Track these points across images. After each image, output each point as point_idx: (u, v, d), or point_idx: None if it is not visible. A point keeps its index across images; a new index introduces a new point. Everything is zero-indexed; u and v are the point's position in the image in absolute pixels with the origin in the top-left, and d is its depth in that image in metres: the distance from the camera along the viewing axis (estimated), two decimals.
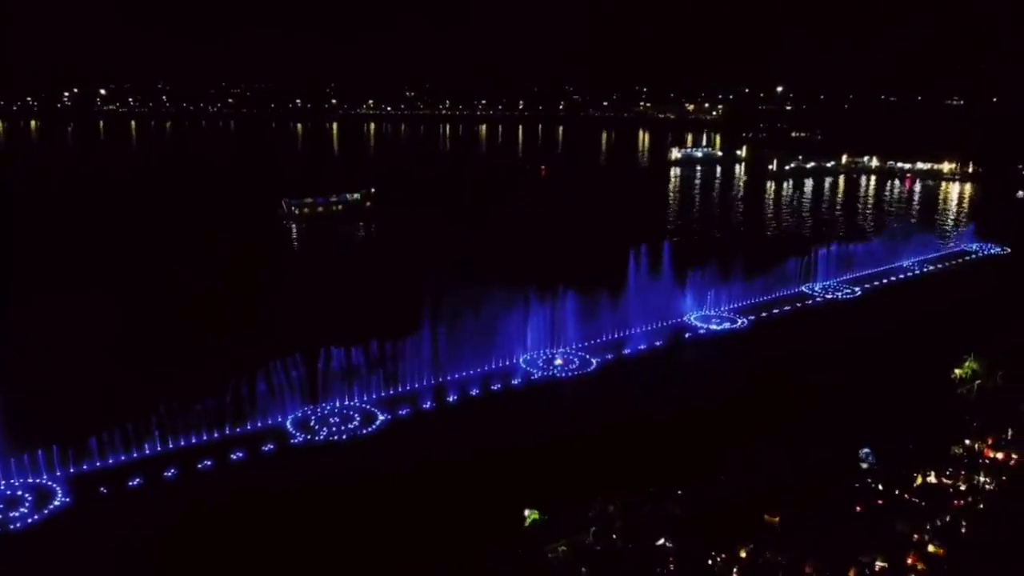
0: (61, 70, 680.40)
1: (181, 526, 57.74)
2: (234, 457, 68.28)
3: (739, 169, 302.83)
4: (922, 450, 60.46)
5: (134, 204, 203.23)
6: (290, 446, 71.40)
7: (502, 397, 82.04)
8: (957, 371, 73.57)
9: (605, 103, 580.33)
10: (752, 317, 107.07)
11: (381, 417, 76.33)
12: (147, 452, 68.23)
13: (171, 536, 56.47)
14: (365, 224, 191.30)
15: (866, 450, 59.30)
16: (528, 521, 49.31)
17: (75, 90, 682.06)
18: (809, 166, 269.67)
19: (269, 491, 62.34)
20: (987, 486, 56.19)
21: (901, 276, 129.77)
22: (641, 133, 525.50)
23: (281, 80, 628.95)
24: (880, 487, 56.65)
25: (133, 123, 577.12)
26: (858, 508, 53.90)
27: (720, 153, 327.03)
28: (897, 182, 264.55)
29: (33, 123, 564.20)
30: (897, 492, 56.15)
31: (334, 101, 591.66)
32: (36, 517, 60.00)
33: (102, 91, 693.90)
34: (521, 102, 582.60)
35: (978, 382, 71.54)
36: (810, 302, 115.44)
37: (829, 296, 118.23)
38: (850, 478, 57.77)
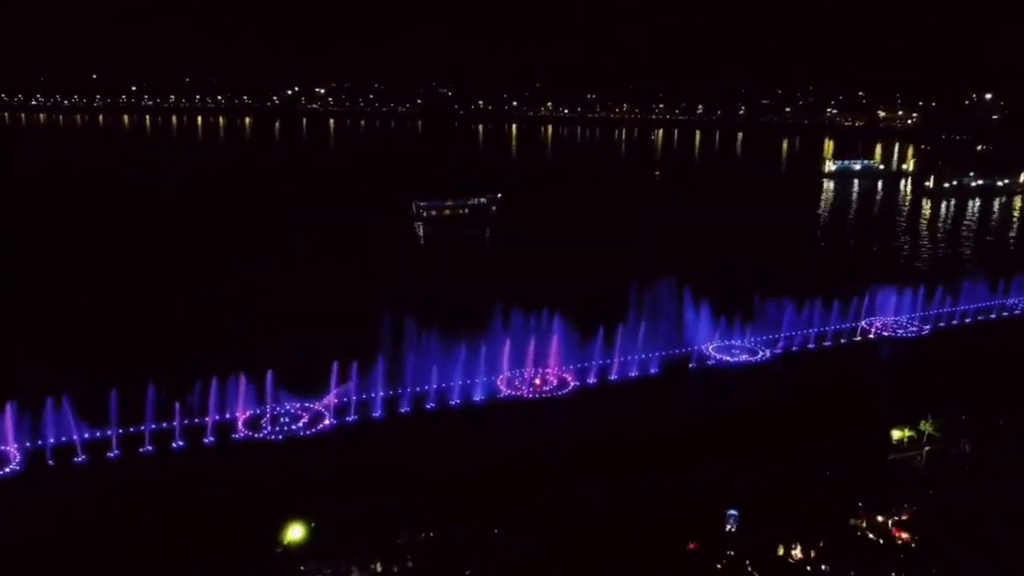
0: (281, 70, 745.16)
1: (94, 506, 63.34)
2: (174, 446, 73.68)
3: (905, 185, 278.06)
4: (805, 519, 54.28)
5: (282, 197, 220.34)
6: (231, 441, 75.71)
7: (456, 413, 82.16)
8: (896, 433, 64.57)
9: (788, 108, 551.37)
10: (779, 350, 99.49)
11: (326, 421, 79.01)
12: (109, 433, 74.31)
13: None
14: (490, 228, 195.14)
15: (732, 512, 54.04)
16: (287, 539, 49.35)
17: (295, 88, 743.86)
18: (976, 184, 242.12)
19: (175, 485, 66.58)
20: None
21: (992, 315, 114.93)
22: (826, 141, 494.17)
23: (479, 82, 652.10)
24: (731, 554, 51.74)
25: (332, 121, 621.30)
26: None
27: (882, 166, 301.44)
28: None
29: (247, 120, 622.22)
30: (747, 563, 51.09)
31: (515, 103, 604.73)
32: None
33: (320, 90, 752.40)
34: (700, 106, 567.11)
35: (927, 448, 62.58)
36: (859, 338, 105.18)
37: (887, 333, 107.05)
38: (704, 540, 53.07)
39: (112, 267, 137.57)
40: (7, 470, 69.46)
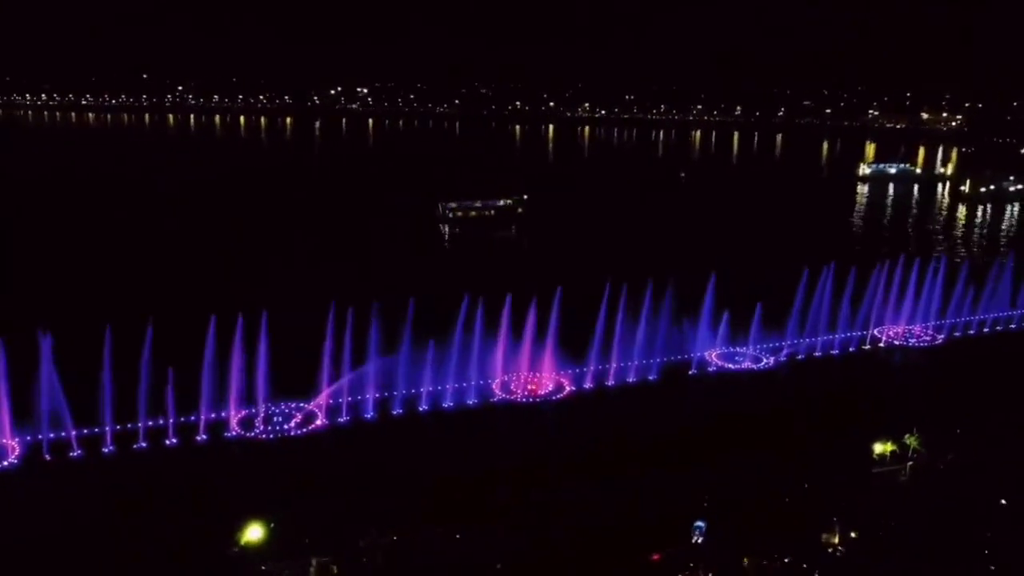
0: (325, 70, 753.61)
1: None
2: (167, 443, 74.99)
3: (942, 189, 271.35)
4: (776, 532, 53.40)
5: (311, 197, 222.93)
6: (223, 439, 76.73)
7: (448, 416, 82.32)
8: (878, 447, 62.96)
9: (828, 110, 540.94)
10: (784, 358, 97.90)
11: (318, 421, 79.78)
12: (107, 428, 75.89)
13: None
14: (516, 230, 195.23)
15: (700, 523, 53.28)
16: (245, 539, 49.80)
17: (339, 88, 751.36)
18: (1015, 188, 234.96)
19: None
20: None
21: (1012, 326, 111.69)
22: (868, 144, 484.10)
23: (521, 82, 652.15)
24: (692, 565, 51.14)
25: (371, 121, 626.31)
26: None
27: (919, 169, 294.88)
28: None
29: (288, 119, 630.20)
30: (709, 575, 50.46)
31: (551, 104, 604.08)
32: None
33: (363, 90, 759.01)
34: (738, 107, 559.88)
35: (910, 463, 61.00)
36: (868, 346, 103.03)
37: (897, 342, 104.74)
38: (668, 551, 52.49)
39: (113, 263, 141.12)
40: (5, 463, 71.44)
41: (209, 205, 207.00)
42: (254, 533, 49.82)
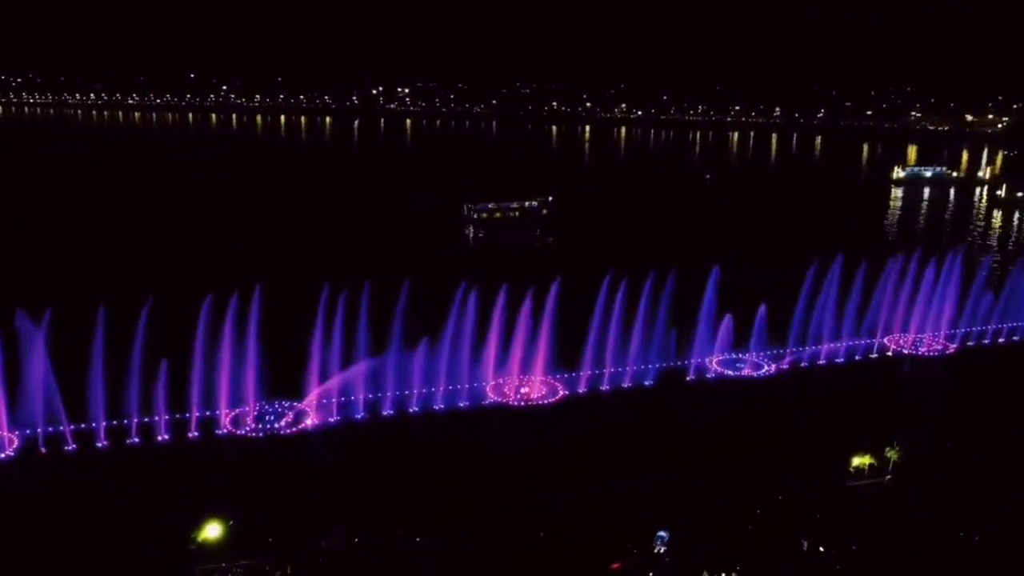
0: (367, 70, 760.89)
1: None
2: (160, 439, 76.40)
3: (980, 193, 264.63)
4: (739, 544, 52.66)
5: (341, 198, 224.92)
6: (215, 436, 77.87)
7: (439, 418, 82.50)
8: (855, 460, 61.47)
9: (869, 112, 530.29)
10: (786, 365, 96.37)
11: (308, 420, 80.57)
12: (103, 424, 77.56)
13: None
14: (541, 231, 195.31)
15: (662, 533, 52.66)
16: (201, 536, 50.37)
17: (380, 88, 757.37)
18: None
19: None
20: None
21: None
22: (910, 147, 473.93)
23: (562, 82, 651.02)
24: (652, 575, 50.71)
25: (408, 121, 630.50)
26: None
27: (955, 173, 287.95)
28: None
29: (327, 119, 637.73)
30: None
31: (588, 104, 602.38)
32: None
33: (405, 89, 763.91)
34: (777, 108, 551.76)
35: (888, 477, 59.58)
36: (875, 354, 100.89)
37: (907, 350, 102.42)
38: (629, 560, 52.10)
39: (113, 260, 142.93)
40: (2, 456, 73.37)
41: (224, 203, 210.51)
42: (212, 531, 50.56)
